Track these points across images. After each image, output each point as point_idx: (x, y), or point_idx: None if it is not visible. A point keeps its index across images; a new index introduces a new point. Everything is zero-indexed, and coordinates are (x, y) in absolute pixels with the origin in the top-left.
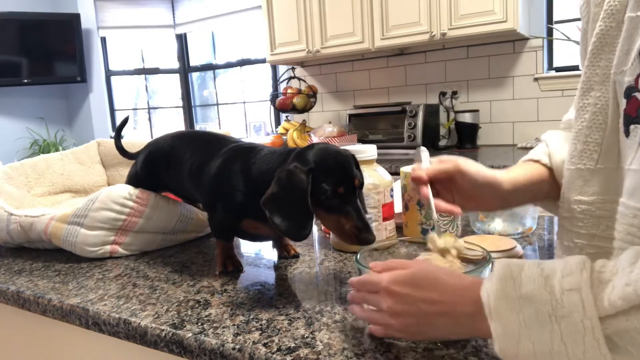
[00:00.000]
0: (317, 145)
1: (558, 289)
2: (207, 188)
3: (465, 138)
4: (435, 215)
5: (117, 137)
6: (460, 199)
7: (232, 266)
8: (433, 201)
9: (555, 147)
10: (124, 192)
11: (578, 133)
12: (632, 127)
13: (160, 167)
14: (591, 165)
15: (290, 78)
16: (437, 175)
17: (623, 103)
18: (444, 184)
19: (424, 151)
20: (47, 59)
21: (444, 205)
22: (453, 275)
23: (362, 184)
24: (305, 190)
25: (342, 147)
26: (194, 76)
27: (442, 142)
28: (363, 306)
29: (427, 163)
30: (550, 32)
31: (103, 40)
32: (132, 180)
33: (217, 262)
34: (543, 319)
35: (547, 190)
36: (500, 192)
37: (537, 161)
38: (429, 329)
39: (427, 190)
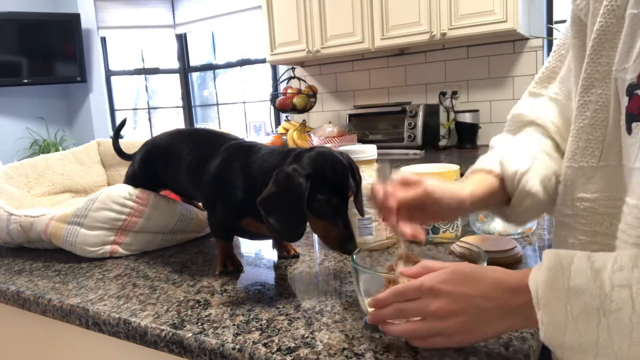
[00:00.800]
0: (318, 149)
1: (608, 284)
2: (207, 187)
3: (465, 138)
4: (403, 246)
5: (116, 139)
6: (421, 215)
7: (232, 266)
8: (399, 230)
9: (507, 155)
10: (124, 192)
11: (580, 131)
12: (634, 124)
13: (158, 165)
14: (593, 163)
15: (290, 78)
16: (407, 202)
17: (625, 100)
18: (408, 206)
19: (385, 168)
20: (47, 59)
21: (409, 231)
22: (495, 269)
23: (359, 186)
24: (303, 195)
25: (343, 151)
26: (194, 76)
27: (442, 142)
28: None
29: (389, 182)
30: (550, 32)
31: (103, 40)
32: (130, 180)
33: (217, 262)
34: (591, 312)
35: (498, 200)
36: (462, 209)
37: (489, 172)
38: (486, 326)
39: (395, 221)
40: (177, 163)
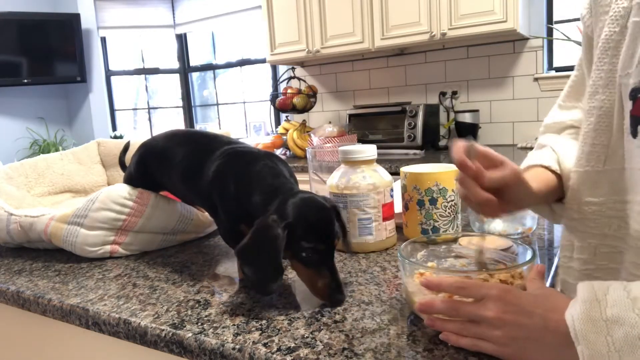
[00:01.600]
0: (301, 195)
1: None
2: (205, 194)
3: (465, 138)
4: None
5: (122, 155)
6: (502, 202)
7: None
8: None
9: (564, 153)
10: (124, 192)
11: (585, 136)
12: (639, 127)
13: (154, 168)
14: (599, 167)
15: (290, 78)
16: (495, 182)
17: (629, 105)
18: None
19: (471, 147)
20: (47, 59)
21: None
22: (547, 300)
23: (344, 229)
24: (279, 247)
25: (325, 198)
26: (194, 76)
27: (442, 142)
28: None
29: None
30: (550, 32)
31: (103, 40)
32: (127, 182)
33: (238, 270)
34: (633, 342)
35: (553, 197)
36: (532, 199)
37: (547, 167)
38: (533, 346)
39: (483, 197)
40: (172, 168)
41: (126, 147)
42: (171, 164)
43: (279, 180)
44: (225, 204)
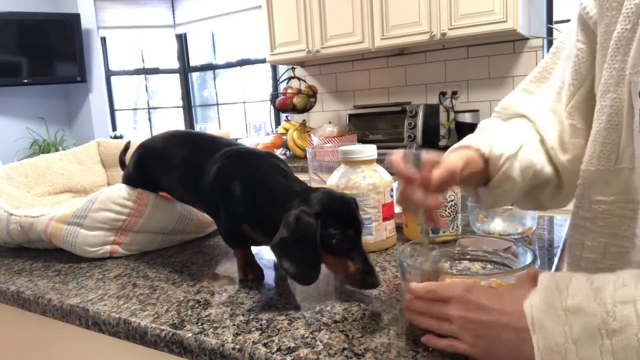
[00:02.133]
0: (320, 189)
1: (610, 302)
2: (206, 195)
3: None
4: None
5: (123, 154)
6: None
7: (253, 274)
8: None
9: (495, 138)
10: (124, 192)
11: (596, 135)
12: None
13: (152, 170)
14: (610, 167)
15: (290, 78)
16: (442, 183)
17: (638, 103)
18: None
19: (416, 154)
20: (47, 59)
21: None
22: (501, 291)
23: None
24: (315, 235)
25: (343, 193)
26: (194, 76)
27: (442, 142)
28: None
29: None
30: (550, 32)
31: (103, 40)
32: (125, 182)
33: (238, 270)
34: (592, 333)
35: (477, 180)
36: (453, 183)
37: (476, 150)
38: (496, 343)
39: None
40: (171, 169)
41: (127, 147)
42: (170, 165)
43: (290, 179)
44: (228, 205)
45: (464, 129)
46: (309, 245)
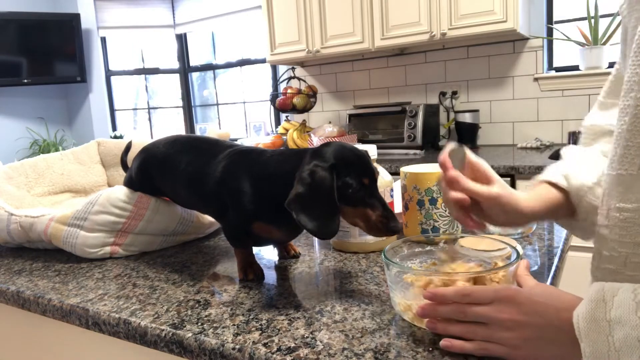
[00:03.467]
0: (332, 143)
1: None
2: (212, 196)
3: (465, 138)
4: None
5: (124, 155)
6: (477, 210)
7: (253, 274)
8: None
9: (573, 168)
10: (124, 195)
11: (618, 136)
12: None
13: (155, 175)
14: (633, 171)
15: (290, 78)
16: (474, 195)
17: None
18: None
19: (460, 151)
20: (47, 59)
21: (472, 223)
22: (560, 299)
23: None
24: (331, 187)
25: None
26: (194, 76)
27: (442, 142)
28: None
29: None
30: (550, 32)
31: (103, 40)
32: (127, 185)
33: (238, 270)
34: (632, 344)
35: (563, 213)
36: (519, 221)
37: (554, 184)
38: (546, 345)
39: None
40: (175, 175)
41: (128, 147)
42: (173, 172)
43: (301, 153)
44: (239, 203)
45: (464, 129)
46: (326, 198)
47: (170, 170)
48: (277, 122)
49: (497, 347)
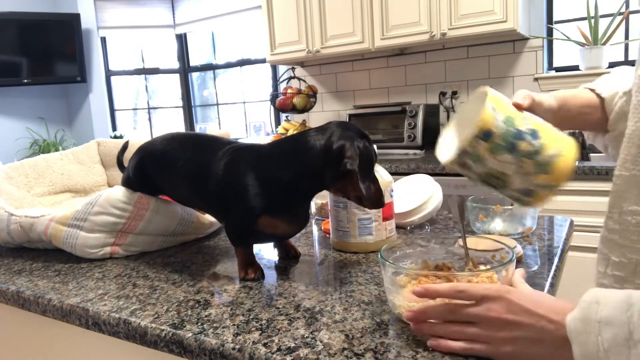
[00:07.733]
0: (332, 122)
1: (637, 315)
2: (214, 194)
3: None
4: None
5: (121, 154)
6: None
7: (253, 273)
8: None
9: (612, 79)
10: (123, 196)
11: (631, 135)
12: None
13: (153, 173)
14: None
15: (290, 78)
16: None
17: None
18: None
19: (459, 200)
20: (47, 59)
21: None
22: (539, 297)
23: None
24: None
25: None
26: (194, 76)
27: None
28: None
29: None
30: (550, 32)
31: (103, 40)
32: (125, 185)
33: (239, 269)
34: (620, 343)
35: (596, 119)
36: (552, 112)
37: (592, 90)
38: (532, 346)
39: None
40: (174, 172)
41: (125, 147)
42: (172, 169)
43: (305, 145)
44: (244, 198)
45: None
46: (372, 168)
47: (169, 168)
48: (277, 122)
49: (483, 347)
